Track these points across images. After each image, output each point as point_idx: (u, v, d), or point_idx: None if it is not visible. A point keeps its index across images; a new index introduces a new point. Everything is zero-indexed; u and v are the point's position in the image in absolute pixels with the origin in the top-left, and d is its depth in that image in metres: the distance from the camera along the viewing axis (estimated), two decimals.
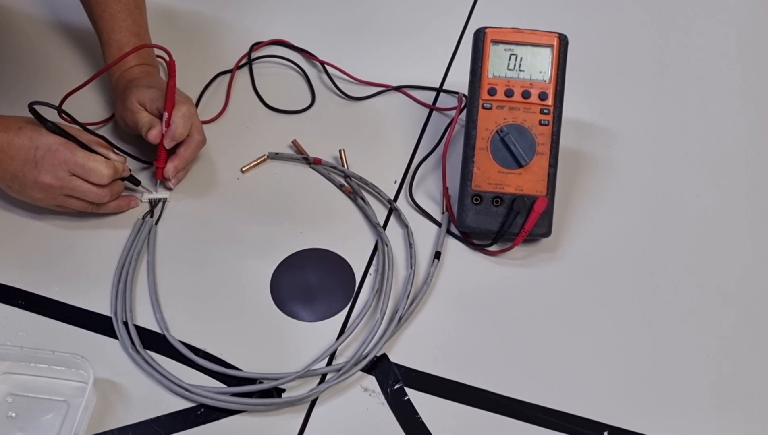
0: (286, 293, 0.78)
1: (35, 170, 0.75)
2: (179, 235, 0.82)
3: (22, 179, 0.76)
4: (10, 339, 0.73)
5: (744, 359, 0.76)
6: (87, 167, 0.76)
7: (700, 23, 1.10)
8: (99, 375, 0.70)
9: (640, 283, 0.81)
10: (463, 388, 0.72)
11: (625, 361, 0.75)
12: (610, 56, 1.04)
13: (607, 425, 0.71)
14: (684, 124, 0.96)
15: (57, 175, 0.75)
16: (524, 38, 0.81)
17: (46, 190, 0.76)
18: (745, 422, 0.72)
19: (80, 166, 0.76)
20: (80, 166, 0.76)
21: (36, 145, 0.75)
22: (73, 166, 0.76)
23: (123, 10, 0.88)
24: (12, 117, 0.77)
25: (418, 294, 0.78)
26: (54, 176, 0.75)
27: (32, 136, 0.75)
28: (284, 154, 0.90)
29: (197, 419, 0.69)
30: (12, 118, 0.77)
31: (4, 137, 0.75)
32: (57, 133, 0.76)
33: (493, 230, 0.81)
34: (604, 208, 0.87)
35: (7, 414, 0.68)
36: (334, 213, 0.85)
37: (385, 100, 0.97)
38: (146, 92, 0.83)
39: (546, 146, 0.80)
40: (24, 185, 0.76)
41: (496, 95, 0.81)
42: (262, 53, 1.01)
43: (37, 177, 0.75)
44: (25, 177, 0.75)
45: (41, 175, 0.75)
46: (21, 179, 0.76)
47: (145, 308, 0.76)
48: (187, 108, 0.82)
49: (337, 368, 0.72)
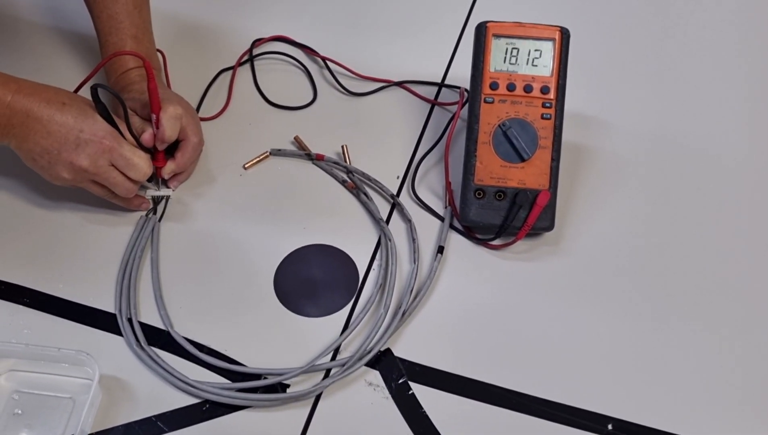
0: (289, 289, 0.78)
1: (74, 152, 0.73)
2: (183, 232, 0.83)
3: (55, 156, 0.73)
4: (15, 336, 0.73)
5: (749, 352, 0.76)
6: (131, 162, 0.75)
7: (702, 17, 1.09)
8: (104, 372, 0.70)
9: (642, 277, 0.81)
10: (467, 382, 0.73)
11: (628, 354, 0.75)
12: (612, 49, 1.04)
13: (611, 418, 0.71)
14: (686, 117, 0.96)
15: (96, 162, 0.74)
16: (526, 32, 0.81)
17: (78, 173, 0.75)
18: (748, 415, 0.72)
19: (124, 159, 0.75)
20: (124, 158, 0.75)
21: (81, 128, 0.73)
22: (117, 157, 0.75)
23: (121, 11, 0.86)
24: (54, 89, 0.75)
25: (422, 288, 0.78)
26: (92, 162, 0.74)
27: (77, 117, 0.73)
28: (286, 151, 0.90)
29: (202, 415, 0.70)
30: (54, 90, 0.75)
31: (45, 110, 0.73)
32: (107, 119, 0.75)
33: (496, 224, 0.81)
34: (607, 201, 0.87)
35: (13, 411, 0.69)
36: (337, 209, 0.86)
37: (386, 95, 0.97)
38: (137, 98, 0.82)
39: (548, 140, 0.80)
40: (55, 163, 0.74)
41: (498, 89, 0.81)
42: (263, 50, 1.01)
43: (74, 158, 0.73)
44: (60, 155, 0.73)
45: (79, 157, 0.73)
46: (54, 156, 0.73)
47: (149, 305, 0.76)
48: (173, 109, 0.80)
49: (341, 363, 0.72)
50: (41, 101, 0.73)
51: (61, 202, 0.83)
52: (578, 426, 0.70)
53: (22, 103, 0.72)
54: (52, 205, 0.83)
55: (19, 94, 0.72)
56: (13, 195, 0.83)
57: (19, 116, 0.72)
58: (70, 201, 0.83)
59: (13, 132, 0.73)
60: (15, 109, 0.72)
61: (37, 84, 0.75)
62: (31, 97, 0.73)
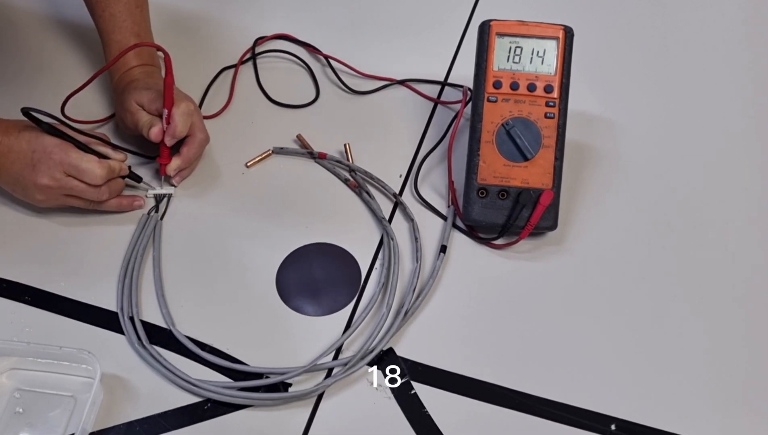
0: (291, 288, 0.78)
1: (33, 173, 0.76)
2: (184, 230, 0.82)
3: (23, 182, 0.77)
4: (17, 335, 0.73)
5: (753, 352, 0.76)
6: (80, 168, 0.76)
7: (706, 15, 1.09)
8: (106, 370, 0.70)
9: (646, 276, 0.81)
10: (469, 382, 0.72)
11: (632, 354, 0.75)
12: (616, 48, 1.04)
13: (614, 418, 0.71)
14: (690, 116, 0.96)
15: (54, 177, 0.76)
16: (529, 31, 0.81)
17: (46, 192, 0.77)
18: (751, 415, 0.72)
19: (74, 167, 0.76)
20: (74, 166, 0.76)
21: (33, 148, 0.76)
22: (68, 166, 0.76)
23: (123, 10, 0.88)
24: (13, 121, 0.78)
25: (424, 288, 0.78)
26: (50, 177, 0.76)
27: (30, 140, 0.76)
28: (289, 149, 0.90)
29: (204, 414, 0.70)
30: (13, 122, 0.77)
31: (5, 141, 0.75)
32: (53, 134, 0.76)
33: (498, 223, 0.80)
34: (610, 200, 0.87)
35: (14, 409, 0.68)
36: (339, 207, 0.85)
37: (389, 94, 0.97)
38: (145, 93, 0.83)
39: (552, 139, 0.80)
40: (26, 188, 0.77)
41: (502, 88, 0.80)
42: (265, 48, 1.01)
43: (35, 179, 0.76)
44: (25, 180, 0.76)
45: (39, 177, 0.76)
46: (22, 182, 0.77)
47: (151, 303, 0.76)
48: (186, 105, 0.81)
49: (343, 362, 0.72)
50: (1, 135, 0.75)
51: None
52: (581, 426, 0.70)
53: None
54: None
55: None
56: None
57: None
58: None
59: None
60: None
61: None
62: None
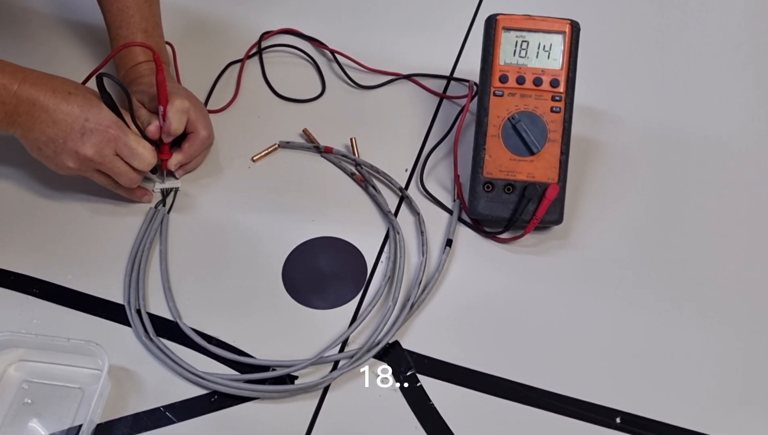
0: (298, 281, 0.78)
1: (80, 141, 0.73)
2: (191, 223, 0.83)
3: (61, 145, 0.74)
4: (25, 327, 0.74)
5: (758, 346, 0.75)
6: (135, 152, 0.76)
7: (712, 11, 1.09)
8: (113, 362, 0.70)
9: (652, 270, 0.81)
10: (475, 375, 0.73)
11: (637, 348, 0.75)
12: (622, 43, 1.04)
13: (619, 411, 0.71)
14: (697, 111, 0.96)
15: (101, 152, 0.74)
16: (536, 25, 0.81)
17: (82, 162, 0.75)
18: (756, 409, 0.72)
19: (129, 149, 0.75)
20: (129, 148, 0.75)
21: (86, 117, 0.73)
22: (122, 146, 0.75)
23: (131, 5, 0.87)
24: (60, 79, 0.75)
25: (430, 281, 0.78)
26: (97, 151, 0.74)
27: (83, 106, 0.74)
28: (295, 143, 0.90)
29: (210, 406, 0.70)
30: (60, 80, 0.75)
31: (51, 100, 0.73)
32: (112, 109, 0.75)
33: (504, 217, 0.80)
34: (616, 195, 0.87)
35: (23, 401, 0.69)
36: (345, 201, 0.86)
37: (395, 88, 0.97)
38: (145, 91, 0.82)
39: (558, 133, 0.80)
40: (60, 152, 0.74)
41: (508, 82, 0.80)
42: (271, 42, 1.01)
43: (79, 147, 0.74)
44: (65, 144, 0.74)
45: (84, 146, 0.74)
46: (60, 145, 0.74)
47: (157, 296, 0.76)
48: (180, 102, 0.80)
49: (349, 355, 0.72)
50: (47, 91, 0.73)
51: (70, 193, 0.83)
52: (586, 419, 0.70)
53: (28, 92, 0.72)
54: (61, 196, 0.83)
55: (25, 84, 0.72)
56: (22, 186, 0.84)
57: (26, 105, 0.72)
58: (79, 192, 0.83)
59: (19, 121, 0.73)
60: (21, 98, 0.72)
61: (43, 74, 0.75)
62: (37, 86, 0.73)
